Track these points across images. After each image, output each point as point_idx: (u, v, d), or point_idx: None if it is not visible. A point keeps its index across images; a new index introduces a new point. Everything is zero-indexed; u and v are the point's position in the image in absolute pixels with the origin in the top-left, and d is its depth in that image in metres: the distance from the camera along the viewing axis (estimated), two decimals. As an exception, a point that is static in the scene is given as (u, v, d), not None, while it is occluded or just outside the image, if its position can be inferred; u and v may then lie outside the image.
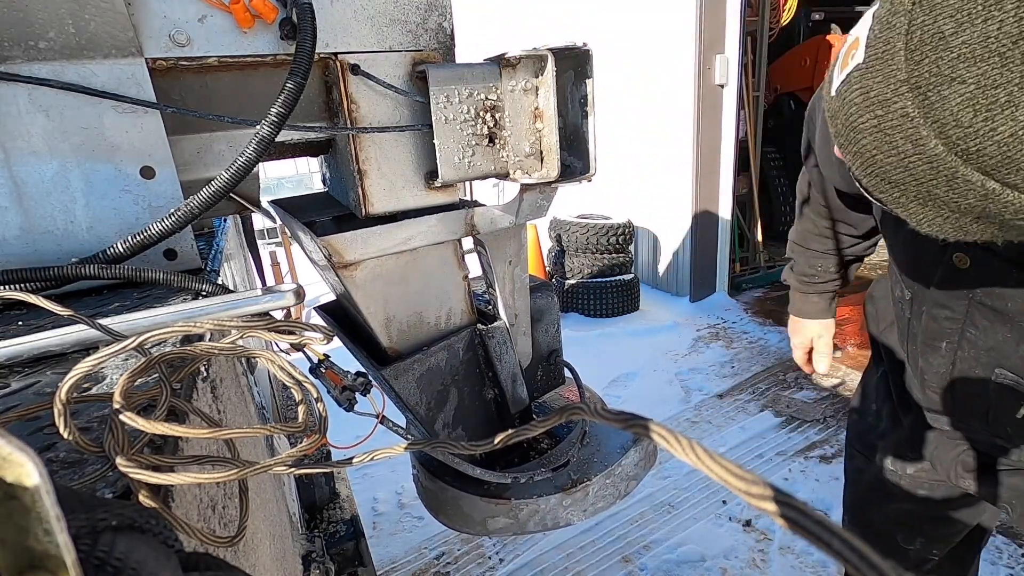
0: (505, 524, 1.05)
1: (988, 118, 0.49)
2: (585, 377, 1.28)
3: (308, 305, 1.19)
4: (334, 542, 1.66)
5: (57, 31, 0.70)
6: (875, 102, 0.56)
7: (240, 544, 0.49)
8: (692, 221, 5.13)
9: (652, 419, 0.29)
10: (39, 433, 0.43)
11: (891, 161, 0.57)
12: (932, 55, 0.50)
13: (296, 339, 0.53)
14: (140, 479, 0.33)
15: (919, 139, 0.53)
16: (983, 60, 0.48)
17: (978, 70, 0.48)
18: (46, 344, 0.56)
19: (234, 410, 0.84)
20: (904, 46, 0.52)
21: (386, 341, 0.95)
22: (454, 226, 0.94)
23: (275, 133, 0.73)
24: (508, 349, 1.07)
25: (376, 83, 0.85)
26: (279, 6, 0.77)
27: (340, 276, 0.86)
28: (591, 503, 1.09)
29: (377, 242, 0.87)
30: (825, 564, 2.36)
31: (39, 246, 0.76)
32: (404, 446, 0.48)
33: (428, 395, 1.00)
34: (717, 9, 4.57)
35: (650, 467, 1.19)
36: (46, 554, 0.18)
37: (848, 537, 0.20)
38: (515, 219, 0.99)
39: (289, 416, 2.05)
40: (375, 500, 2.94)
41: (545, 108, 0.89)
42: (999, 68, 0.47)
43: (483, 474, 1.04)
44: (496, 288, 1.04)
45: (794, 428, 3.34)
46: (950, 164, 0.53)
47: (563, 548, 2.53)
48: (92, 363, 0.37)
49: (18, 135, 0.72)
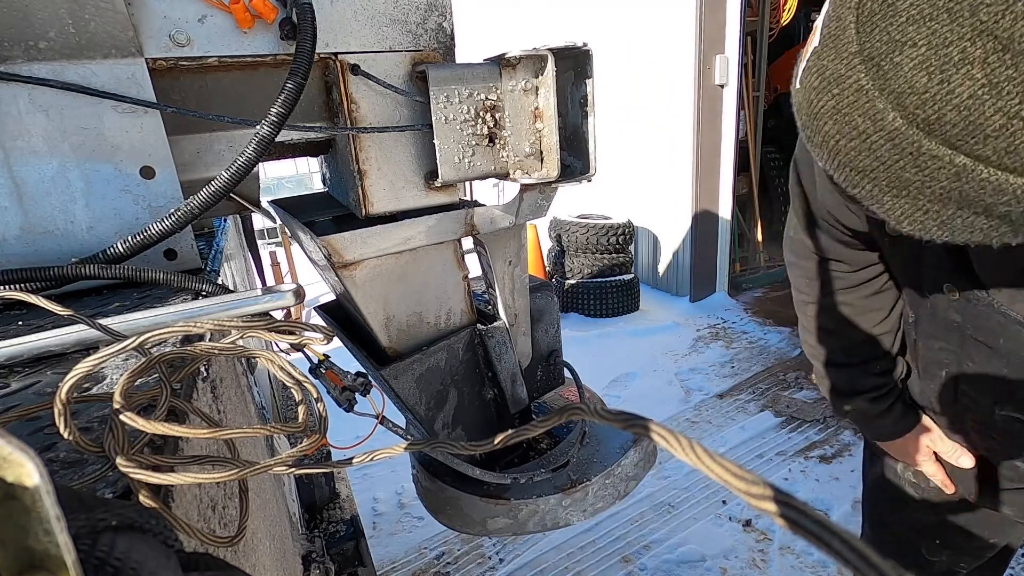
0: (505, 524, 1.05)
1: (943, 79, 0.45)
2: (585, 377, 1.28)
3: (308, 305, 1.19)
4: (334, 542, 1.66)
5: (57, 31, 0.70)
6: (830, 80, 0.52)
7: (240, 544, 0.49)
8: (692, 221, 5.13)
9: (652, 419, 0.29)
10: (39, 433, 0.43)
11: (854, 145, 0.53)
12: (882, 23, 0.47)
13: (296, 339, 0.53)
14: (140, 479, 0.33)
15: (876, 113, 0.50)
16: (932, 19, 0.45)
17: (928, 29, 0.45)
18: (46, 344, 0.56)
19: (234, 410, 0.84)
20: (855, 19, 0.49)
21: (386, 341, 0.95)
22: (454, 226, 0.94)
23: (275, 133, 0.73)
24: (508, 349, 1.07)
25: (376, 83, 0.85)
26: (279, 6, 0.77)
27: (340, 276, 0.86)
28: (591, 503, 1.09)
29: (377, 242, 0.87)
30: (825, 564, 2.35)
31: (39, 246, 0.76)
32: (404, 446, 0.48)
33: (427, 395, 1.00)
34: (717, 9, 4.57)
35: (650, 467, 1.19)
36: (46, 554, 0.18)
37: (848, 537, 0.20)
38: (515, 219, 0.99)
39: (289, 416, 2.05)
40: (375, 500, 2.94)
41: (545, 108, 0.89)
42: (948, 24, 0.44)
43: (483, 475, 1.04)
44: (496, 288, 1.04)
45: (794, 428, 3.34)
46: (912, 138, 0.49)
47: (563, 548, 2.53)
48: (92, 363, 0.37)
49: (18, 135, 0.72)
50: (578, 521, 1.09)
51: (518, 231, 1.04)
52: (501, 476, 1.06)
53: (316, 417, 0.45)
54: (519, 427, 0.40)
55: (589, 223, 5.15)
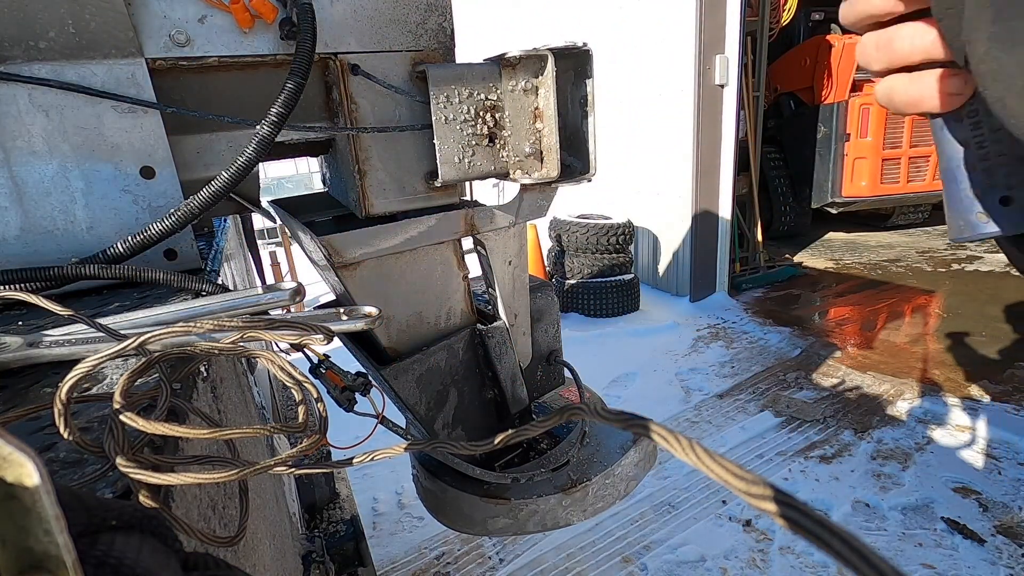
0: (505, 524, 1.05)
1: None
2: (585, 377, 1.28)
3: (308, 305, 1.19)
4: (334, 542, 1.66)
5: (57, 31, 0.70)
6: None
7: (240, 544, 0.49)
8: (692, 221, 5.14)
9: (652, 419, 0.29)
10: (39, 433, 0.43)
11: None
12: None
13: (297, 338, 0.53)
14: (140, 479, 0.33)
15: None
16: None
17: None
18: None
19: (234, 410, 0.84)
20: None
21: (385, 341, 0.95)
22: (453, 226, 0.94)
23: (275, 133, 0.73)
24: (508, 349, 1.07)
25: (376, 83, 0.85)
26: (279, 6, 0.77)
27: (340, 276, 0.86)
28: (591, 503, 1.09)
29: (376, 242, 0.87)
30: (826, 564, 2.35)
31: (39, 246, 0.76)
32: (404, 446, 0.48)
33: (428, 395, 1.00)
34: (717, 9, 4.57)
35: (650, 468, 1.19)
36: (46, 554, 0.18)
37: (848, 537, 0.20)
38: (515, 219, 0.99)
39: (289, 416, 2.05)
40: (375, 500, 2.94)
41: (545, 108, 0.89)
42: None
43: (483, 474, 1.04)
44: (496, 288, 1.04)
45: (794, 428, 3.34)
46: None
47: (563, 548, 2.53)
48: (92, 363, 0.37)
49: (18, 135, 0.72)
50: (578, 521, 1.09)
51: (519, 231, 1.03)
52: (501, 476, 1.06)
53: (316, 417, 0.45)
54: (519, 427, 0.40)
55: (589, 223, 5.15)
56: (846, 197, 6.67)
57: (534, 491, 1.07)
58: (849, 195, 6.65)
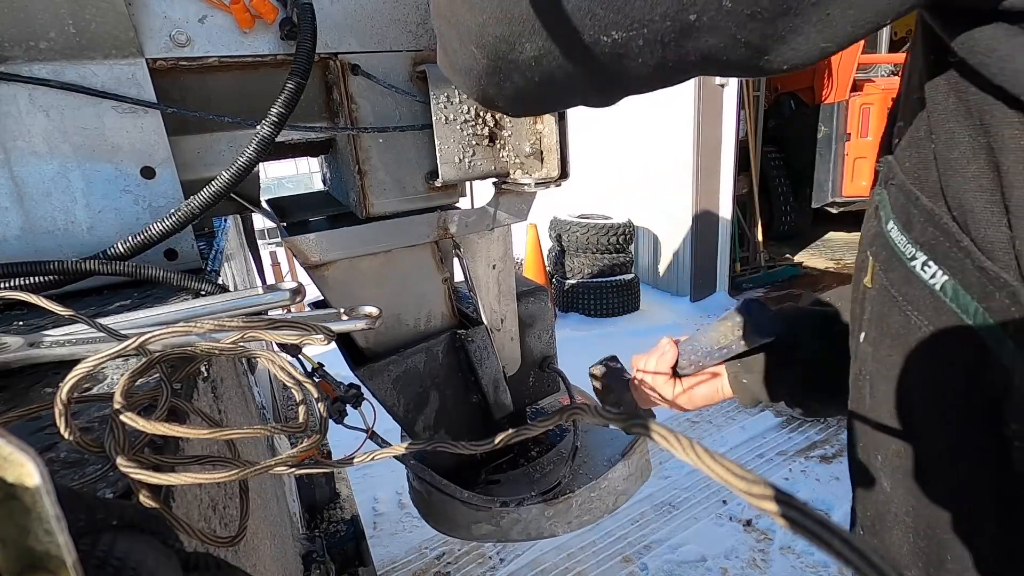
0: (488, 530, 1.03)
1: None
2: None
3: (308, 305, 1.18)
4: (334, 542, 1.66)
5: (57, 31, 0.70)
6: None
7: (240, 544, 0.49)
8: (692, 221, 5.13)
9: (652, 419, 0.29)
10: (40, 433, 0.43)
11: None
12: None
13: (298, 338, 0.53)
14: (141, 479, 0.33)
15: None
16: None
17: None
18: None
19: (235, 410, 0.84)
20: None
21: (362, 342, 0.95)
22: (425, 229, 0.94)
23: (275, 133, 0.73)
24: (489, 354, 1.05)
25: (376, 83, 0.85)
26: (279, 6, 0.77)
27: (311, 276, 0.87)
28: (575, 515, 1.06)
29: (342, 244, 0.87)
30: (826, 564, 2.35)
31: (39, 246, 0.76)
32: (404, 446, 0.48)
33: (406, 397, 0.99)
34: (717, 9, 4.57)
35: (642, 482, 1.15)
36: (47, 554, 0.18)
37: (849, 537, 0.20)
38: (491, 223, 0.98)
39: (289, 416, 2.06)
40: (375, 500, 2.94)
41: (545, 108, 0.89)
42: None
43: (471, 497, 1.02)
44: (477, 291, 1.03)
45: (794, 428, 3.34)
46: None
47: (564, 548, 2.53)
48: (93, 363, 0.37)
49: (18, 135, 0.72)
50: (563, 532, 1.06)
51: (503, 234, 1.03)
52: (490, 500, 1.02)
53: (316, 417, 0.45)
54: (520, 427, 0.40)
55: (589, 223, 5.15)
56: (846, 197, 6.67)
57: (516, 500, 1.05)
58: (849, 195, 6.65)
